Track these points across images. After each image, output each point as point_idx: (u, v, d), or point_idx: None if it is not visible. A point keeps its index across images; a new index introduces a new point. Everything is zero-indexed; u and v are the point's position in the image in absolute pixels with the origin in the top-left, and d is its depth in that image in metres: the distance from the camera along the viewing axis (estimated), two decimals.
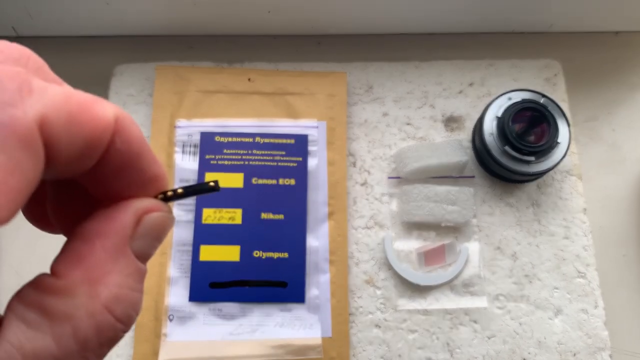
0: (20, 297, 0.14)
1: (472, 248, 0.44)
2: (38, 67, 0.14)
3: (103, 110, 0.13)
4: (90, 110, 0.13)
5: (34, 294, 0.14)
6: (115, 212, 0.15)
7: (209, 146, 0.44)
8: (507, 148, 0.42)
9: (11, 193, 0.11)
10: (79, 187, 0.16)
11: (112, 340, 0.14)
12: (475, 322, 0.42)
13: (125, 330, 0.15)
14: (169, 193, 0.16)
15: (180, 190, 0.16)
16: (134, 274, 0.15)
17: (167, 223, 0.16)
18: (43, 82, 0.12)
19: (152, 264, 0.42)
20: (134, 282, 0.15)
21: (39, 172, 0.12)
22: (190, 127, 0.45)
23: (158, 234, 0.16)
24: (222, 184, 0.43)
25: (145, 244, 0.15)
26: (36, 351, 0.13)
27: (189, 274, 0.41)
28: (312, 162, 0.45)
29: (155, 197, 0.16)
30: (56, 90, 0.13)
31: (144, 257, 0.15)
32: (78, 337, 0.14)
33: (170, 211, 0.16)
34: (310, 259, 0.42)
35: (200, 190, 0.17)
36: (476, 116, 0.47)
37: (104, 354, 0.14)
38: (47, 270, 0.15)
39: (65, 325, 0.13)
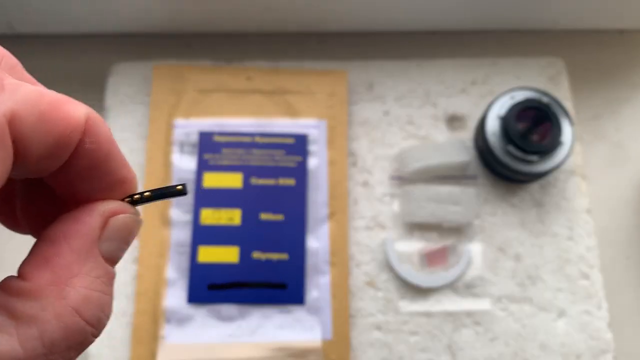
0: None
1: (475, 249, 0.44)
2: (12, 65, 0.14)
3: (74, 109, 0.14)
4: (61, 108, 0.13)
5: (1, 296, 0.13)
6: (82, 214, 0.15)
7: (208, 146, 0.44)
8: (510, 147, 0.42)
9: None
10: (48, 188, 0.16)
11: (81, 344, 0.14)
12: (477, 324, 0.42)
13: (95, 335, 0.15)
14: (136, 196, 0.16)
15: (147, 194, 0.16)
16: (103, 276, 0.15)
17: (134, 225, 0.16)
18: (15, 80, 0.13)
19: (149, 265, 0.41)
20: (102, 284, 0.15)
21: (7, 168, 0.12)
22: (189, 127, 0.44)
23: (125, 237, 0.16)
24: (221, 184, 0.43)
25: (113, 247, 0.15)
26: (1, 354, 0.13)
27: (187, 276, 0.41)
28: (312, 162, 0.44)
29: (123, 199, 0.16)
30: (28, 89, 0.13)
31: (112, 259, 0.15)
32: (45, 340, 0.13)
33: (137, 213, 0.16)
34: (310, 260, 0.42)
35: (167, 194, 0.17)
36: (479, 115, 0.46)
37: (72, 358, 0.14)
38: None
39: (32, 328, 0.13)
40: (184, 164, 0.43)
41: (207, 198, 0.42)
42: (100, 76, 0.47)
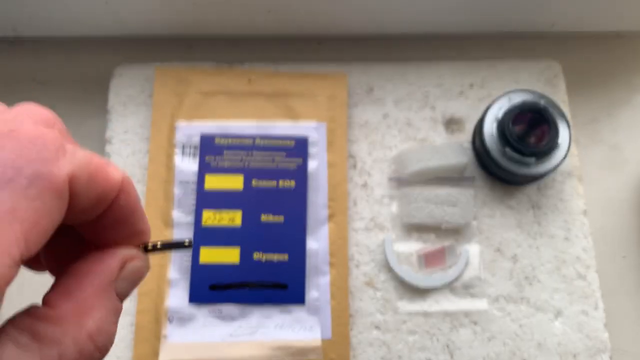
0: (14, 323, 0.15)
1: (472, 250, 0.44)
2: (62, 129, 0.18)
3: (114, 172, 0.17)
4: (105, 170, 0.16)
5: (27, 320, 0.15)
6: (105, 256, 0.18)
7: (209, 148, 0.44)
8: (507, 150, 0.42)
9: (41, 232, 0.14)
10: (74, 233, 0.19)
11: None
12: (475, 324, 0.42)
13: (100, 359, 0.17)
14: (149, 246, 0.19)
15: (159, 245, 0.19)
16: (114, 310, 0.17)
17: (143, 271, 0.19)
18: (72, 146, 0.16)
19: (152, 265, 0.42)
20: (113, 317, 0.17)
21: (62, 217, 0.15)
22: (190, 129, 0.45)
23: (136, 280, 0.19)
24: (222, 186, 0.43)
25: (125, 286, 0.18)
26: None
27: (188, 276, 0.41)
28: (312, 164, 0.45)
29: (137, 247, 0.19)
30: (82, 153, 0.16)
31: (122, 297, 0.18)
32: None
33: (147, 260, 0.19)
34: (310, 260, 0.42)
35: (176, 247, 0.20)
36: (476, 118, 0.47)
37: None
38: (42, 276, 0.17)
39: (53, 349, 0.15)
40: (185, 166, 0.44)
41: (209, 200, 0.43)
42: (103, 78, 0.48)
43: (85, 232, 0.18)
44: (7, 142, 0.14)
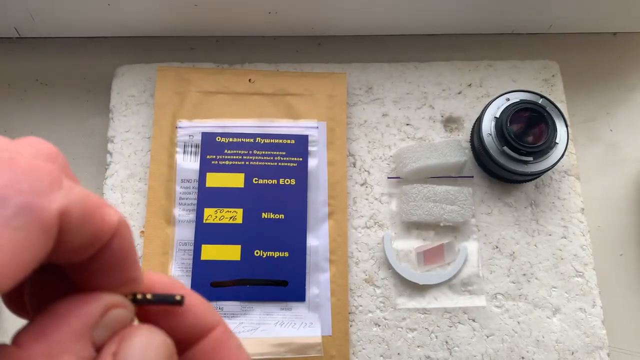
0: None
1: (471, 247, 0.44)
2: (63, 164, 0.17)
3: (110, 212, 0.16)
4: (101, 211, 0.16)
5: None
6: (87, 298, 0.16)
7: (210, 146, 0.45)
8: (505, 148, 0.42)
9: (20, 266, 0.13)
10: (60, 275, 0.18)
11: None
12: (473, 320, 0.43)
13: None
14: (139, 296, 0.18)
15: (149, 296, 0.18)
16: (87, 358, 0.16)
17: (127, 322, 0.17)
18: (70, 182, 0.15)
19: (154, 263, 0.42)
20: None
21: (46, 253, 0.14)
22: (192, 128, 0.45)
23: (116, 329, 0.17)
24: (223, 184, 0.44)
25: (103, 334, 0.16)
26: None
27: (190, 273, 0.42)
28: (312, 163, 0.45)
29: (126, 295, 0.18)
30: (78, 190, 0.15)
31: (97, 345, 0.16)
32: None
33: (133, 311, 0.18)
34: (310, 258, 0.43)
35: (167, 301, 0.18)
36: (475, 117, 0.47)
37: None
38: None
39: None
40: (187, 165, 0.44)
41: (210, 198, 0.43)
42: (105, 78, 0.48)
43: (74, 275, 0.17)
44: (0, 171, 0.14)
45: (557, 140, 0.43)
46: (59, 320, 0.16)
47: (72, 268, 0.17)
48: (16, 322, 0.16)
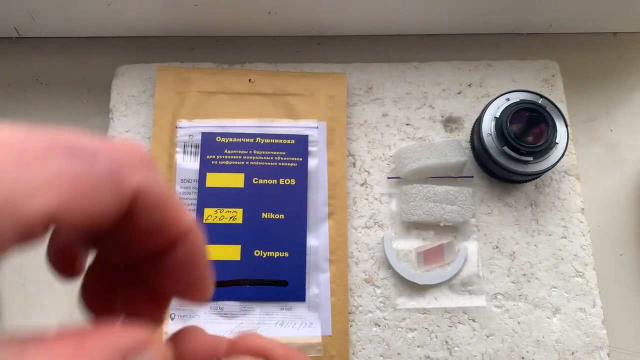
0: None
1: (471, 247, 0.44)
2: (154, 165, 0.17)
3: (185, 213, 0.16)
4: (176, 207, 0.16)
5: None
6: (130, 327, 0.15)
7: (210, 146, 0.45)
8: (505, 148, 0.42)
9: (86, 209, 0.13)
10: (124, 275, 0.18)
11: None
12: (473, 320, 0.43)
13: None
14: None
15: None
16: None
17: None
18: (157, 175, 0.16)
19: None
20: None
21: (114, 215, 0.14)
22: (192, 128, 0.45)
23: None
24: (223, 184, 0.44)
25: None
26: None
27: None
28: (312, 163, 0.45)
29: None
30: (162, 183, 0.16)
31: None
32: None
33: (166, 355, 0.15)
34: (310, 258, 0.43)
35: None
36: (475, 117, 0.47)
37: None
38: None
39: None
40: (187, 165, 0.44)
41: (210, 198, 0.43)
42: (105, 78, 0.48)
43: (149, 272, 0.17)
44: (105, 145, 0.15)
45: (557, 140, 0.43)
46: (96, 333, 0.14)
47: (147, 265, 0.17)
48: (16, 322, 0.16)
